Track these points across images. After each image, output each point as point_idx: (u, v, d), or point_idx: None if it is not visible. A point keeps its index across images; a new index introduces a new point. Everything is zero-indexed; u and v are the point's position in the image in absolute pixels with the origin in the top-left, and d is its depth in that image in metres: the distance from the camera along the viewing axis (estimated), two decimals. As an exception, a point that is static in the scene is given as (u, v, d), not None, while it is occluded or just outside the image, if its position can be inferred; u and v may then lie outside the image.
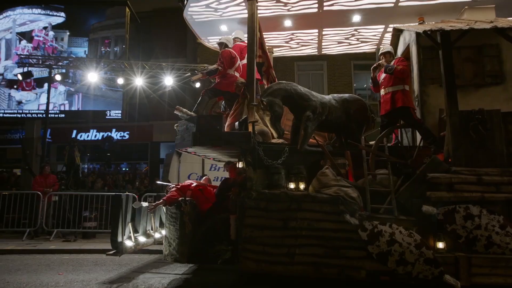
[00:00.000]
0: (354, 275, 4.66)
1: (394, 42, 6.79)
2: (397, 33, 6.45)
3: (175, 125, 5.79)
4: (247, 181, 5.05)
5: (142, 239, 6.31)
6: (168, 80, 12.81)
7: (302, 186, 5.14)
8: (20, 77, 13.02)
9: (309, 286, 5.20)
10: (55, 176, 10.34)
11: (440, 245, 4.62)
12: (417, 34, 5.75)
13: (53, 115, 15.68)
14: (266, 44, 7.76)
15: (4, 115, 17.01)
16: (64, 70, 15.73)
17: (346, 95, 5.89)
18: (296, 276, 4.87)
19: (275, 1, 6.08)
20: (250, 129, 5.29)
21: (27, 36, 18.00)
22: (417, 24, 6.24)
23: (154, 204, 5.64)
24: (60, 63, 14.14)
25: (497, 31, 5.05)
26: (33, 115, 16.35)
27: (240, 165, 5.21)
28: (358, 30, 7.16)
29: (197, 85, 11.04)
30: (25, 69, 13.21)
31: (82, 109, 16.74)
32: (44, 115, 14.17)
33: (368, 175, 5.19)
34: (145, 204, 6.03)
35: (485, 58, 5.63)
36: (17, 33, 18.07)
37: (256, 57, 5.68)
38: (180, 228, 5.23)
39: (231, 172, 5.82)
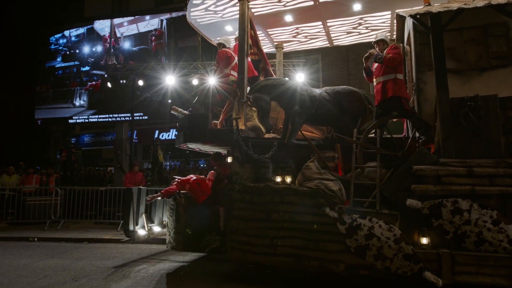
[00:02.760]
0: (333, 268, 4.61)
1: (400, 29, 6.40)
2: (400, 18, 6.07)
3: (177, 124, 6.19)
4: (233, 175, 5.26)
5: (157, 229, 6.86)
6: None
7: (288, 179, 5.19)
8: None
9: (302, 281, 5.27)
10: (142, 173, 11.20)
11: (424, 240, 4.35)
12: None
13: (138, 118, 17.14)
14: (274, 40, 7.87)
15: (99, 119, 19.48)
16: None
17: (339, 87, 5.74)
18: (278, 267, 4.98)
19: (268, -1, 6.16)
20: (240, 125, 5.51)
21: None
22: (422, 7, 5.84)
23: (152, 196, 6.13)
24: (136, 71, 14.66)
25: (494, 8, 4.56)
26: (121, 119, 18.07)
27: (229, 159, 5.42)
28: (363, 19, 6.81)
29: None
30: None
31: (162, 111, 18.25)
32: (130, 118, 15.55)
33: (357, 168, 5.07)
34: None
35: (490, 38, 5.07)
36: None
37: (247, 55, 5.83)
38: (176, 218, 5.62)
39: (219, 166, 6.03)
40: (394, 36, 6.99)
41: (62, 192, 10.15)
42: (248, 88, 5.71)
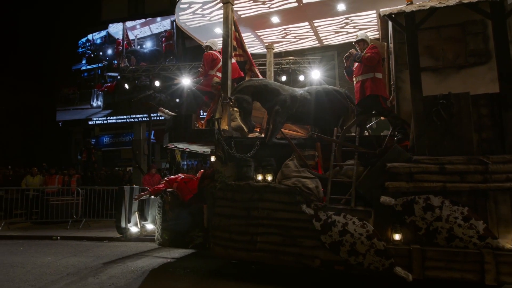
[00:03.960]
0: (309, 264, 4.71)
1: (384, 28, 6.41)
2: (383, 18, 6.09)
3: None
4: (215, 173, 5.42)
5: (150, 226, 7.09)
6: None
7: (269, 177, 5.32)
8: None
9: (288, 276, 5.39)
10: (159, 175, 11.31)
11: (397, 236, 4.41)
12: (394, 17, 5.42)
13: (154, 118, 17.34)
14: (264, 41, 7.99)
15: (117, 120, 20.08)
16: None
17: (321, 86, 5.84)
18: (257, 262, 5.12)
19: (252, 1, 6.25)
20: (224, 125, 5.67)
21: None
22: (404, 6, 5.87)
23: (140, 194, 6.34)
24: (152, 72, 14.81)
25: (466, 6, 4.58)
26: (139, 119, 18.62)
27: (212, 158, 5.58)
28: (349, 18, 6.84)
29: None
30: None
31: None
32: (147, 119, 15.91)
33: (335, 166, 5.15)
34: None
35: (468, 36, 5.06)
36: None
37: (231, 57, 5.96)
38: (162, 216, 5.82)
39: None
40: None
41: (83, 192, 10.45)
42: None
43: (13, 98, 26.17)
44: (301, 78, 12.85)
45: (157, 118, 17.81)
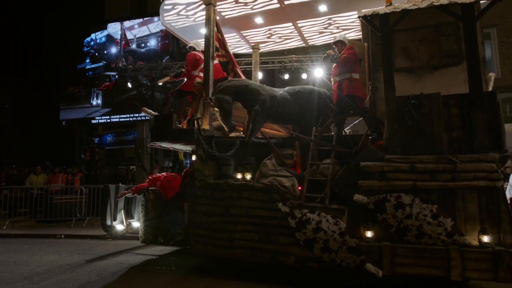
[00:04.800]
0: (285, 261, 4.81)
1: (365, 28, 6.48)
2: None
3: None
4: (195, 172, 5.52)
5: (136, 224, 7.18)
6: (258, 75, 13.06)
7: (248, 176, 5.41)
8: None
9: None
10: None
11: (369, 234, 4.50)
12: (371, 19, 5.50)
13: None
14: (250, 41, 8.07)
15: (120, 119, 20.17)
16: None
17: (300, 87, 5.93)
18: (235, 259, 5.21)
19: (234, 3, 6.33)
20: (205, 124, 5.77)
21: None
22: (379, 8, 5.95)
23: (122, 193, 6.44)
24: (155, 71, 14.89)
25: (438, 8, 4.66)
26: (142, 118, 18.57)
27: (193, 157, 5.67)
28: (332, 19, 6.93)
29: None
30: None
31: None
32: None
33: (312, 165, 5.25)
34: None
35: (441, 37, 5.14)
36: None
37: (213, 58, 6.05)
38: (145, 214, 5.92)
39: None
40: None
41: (86, 191, 10.50)
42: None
43: (17, 97, 26.34)
44: (304, 76, 12.93)
45: None
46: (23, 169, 15.00)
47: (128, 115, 19.74)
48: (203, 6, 6.43)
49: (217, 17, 6.73)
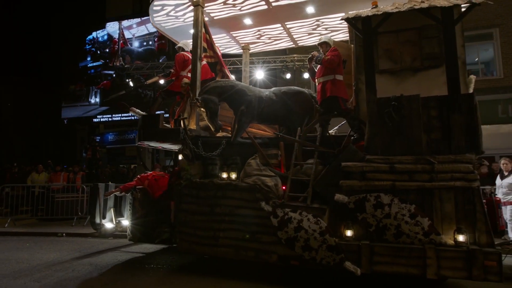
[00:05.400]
0: (267, 259, 4.88)
1: (352, 30, 6.56)
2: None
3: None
4: (181, 171, 5.59)
5: (126, 222, 7.24)
6: (260, 74, 13.00)
7: (234, 175, 5.48)
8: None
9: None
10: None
11: (348, 233, 4.58)
12: (355, 21, 5.56)
13: None
14: (240, 42, 8.13)
15: (122, 118, 20.30)
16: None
17: (286, 87, 6.00)
18: (220, 257, 5.29)
19: (222, 4, 6.39)
20: (192, 124, 5.84)
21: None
22: (362, 10, 6.02)
23: (110, 191, 6.51)
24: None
25: (418, 11, 4.74)
26: None
27: (179, 157, 5.74)
28: (320, 21, 7.00)
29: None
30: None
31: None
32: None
33: (296, 165, 5.32)
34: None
35: (424, 40, 5.21)
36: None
37: (200, 58, 6.11)
38: (132, 212, 5.99)
39: None
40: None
41: (88, 189, 10.40)
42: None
43: (19, 95, 26.39)
44: (306, 75, 12.97)
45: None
46: (25, 168, 15.03)
47: (130, 114, 19.81)
48: (192, 7, 6.50)
49: (206, 18, 6.79)
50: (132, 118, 19.45)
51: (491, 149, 11.69)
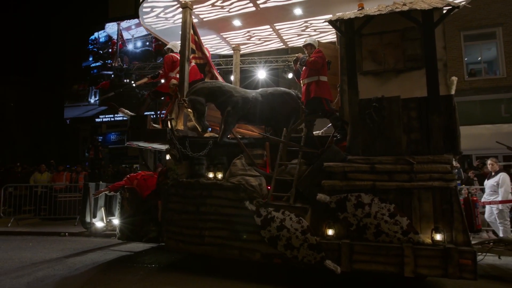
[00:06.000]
0: (251, 257, 4.95)
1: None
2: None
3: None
4: (168, 171, 5.66)
5: (116, 221, 7.33)
6: (261, 73, 13.04)
7: (220, 175, 5.55)
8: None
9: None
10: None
11: (330, 232, 4.64)
12: (340, 23, 5.63)
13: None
14: (231, 43, 8.20)
15: (124, 118, 20.24)
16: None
17: (272, 89, 6.07)
18: (205, 255, 5.37)
19: (211, 6, 6.45)
20: (180, 125, 5.92)
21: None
22: (347, 13, 6.08)
23: (99, 190, 6.59)
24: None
25: (399, 14, 4.80)
26: None
27: (167, 157, 5.82)
28: (309, 22, 7.07)
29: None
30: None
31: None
32: (153, 116, 15.98)
33: (281, 165, 5.39)
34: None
35: (406, 42, 5.27)
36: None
37: (188, 60, 6.18)
38: (121, 211, 6.07)
39: None
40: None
41: None
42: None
43: (21, 95, 26.51)
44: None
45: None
46: (27, 167, 15.09)
47: (132, 114, 19.88)
48: (180, 9, 6.57)
49: (196, 20, 6.86)
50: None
51: (494, 149, 11.52)
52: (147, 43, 21.76)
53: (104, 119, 21.61)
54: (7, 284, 4.93)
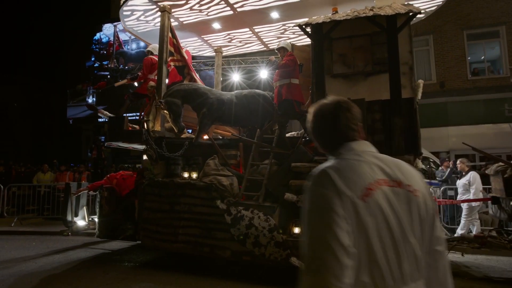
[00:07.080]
0: (221, 254, 5.08)
1: (314, 35, 6.78)
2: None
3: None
4: (144, 170, 5.80)
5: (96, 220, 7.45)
6: (264, 73, 12.85)
7: (194, 175, 5.69)
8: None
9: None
10: None
11: (296, 230, 4.80)
12: (312, 27, 5.76)
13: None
14: (212, 45, 8.33)
15: (105, 119, 20.46)
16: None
17: (246, 91, 6.20)
18: (178, 252, 5.51)
19: (189, 10, 6.57)
20: (157, 126, 6.05)
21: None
22: (314, 17, 6.20)
23: (78, 190, 6.71)
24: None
25: (366, 19, 4.94)
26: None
27: (144, 157, 5.95)
28: (286, 25, 7.21)
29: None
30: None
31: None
32: (136, 118, 16.31)
33: (253, 165, 5.53)
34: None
35: (374, 46, 5.41)
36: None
37: (166, 62, 6.31)
38: (100, 210, 6.20)
39: None
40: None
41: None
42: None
43: (25, 95, 26.60)
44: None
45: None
46: (31, 167, 15.14)
47: (134, 114, 20.01)
48: (159, 13, 6.69)
49: (176, 23, 6.98)
50: (137, 118, 19.67)
51: (497, 148, 11.66)
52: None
53: (106, 119, 21.71)
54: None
